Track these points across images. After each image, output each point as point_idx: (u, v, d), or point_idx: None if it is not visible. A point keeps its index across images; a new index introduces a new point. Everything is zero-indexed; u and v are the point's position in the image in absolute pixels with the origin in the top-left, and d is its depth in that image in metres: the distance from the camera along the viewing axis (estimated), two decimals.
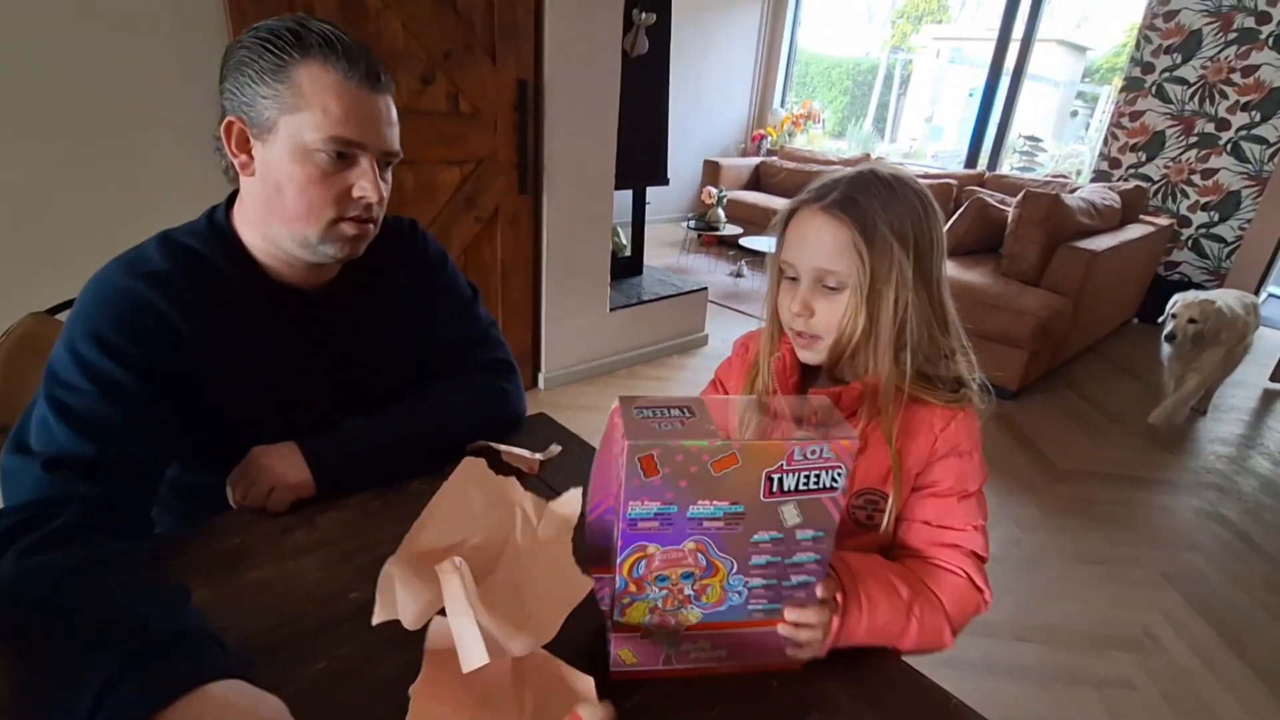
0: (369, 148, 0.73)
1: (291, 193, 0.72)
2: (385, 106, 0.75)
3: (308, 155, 0.71)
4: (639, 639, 0.57)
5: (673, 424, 0.50)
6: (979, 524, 0.70)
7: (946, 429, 0.69)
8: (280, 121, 0.70)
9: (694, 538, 0.52)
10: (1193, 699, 1.51)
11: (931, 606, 0.64)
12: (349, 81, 0.70)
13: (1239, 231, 3.89)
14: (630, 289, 3.13)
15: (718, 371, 0.90)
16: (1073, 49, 9.02)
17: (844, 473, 0.50)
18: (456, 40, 2.03)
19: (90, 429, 0.65)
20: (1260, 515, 2.25)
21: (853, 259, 0.65)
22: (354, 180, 0.73)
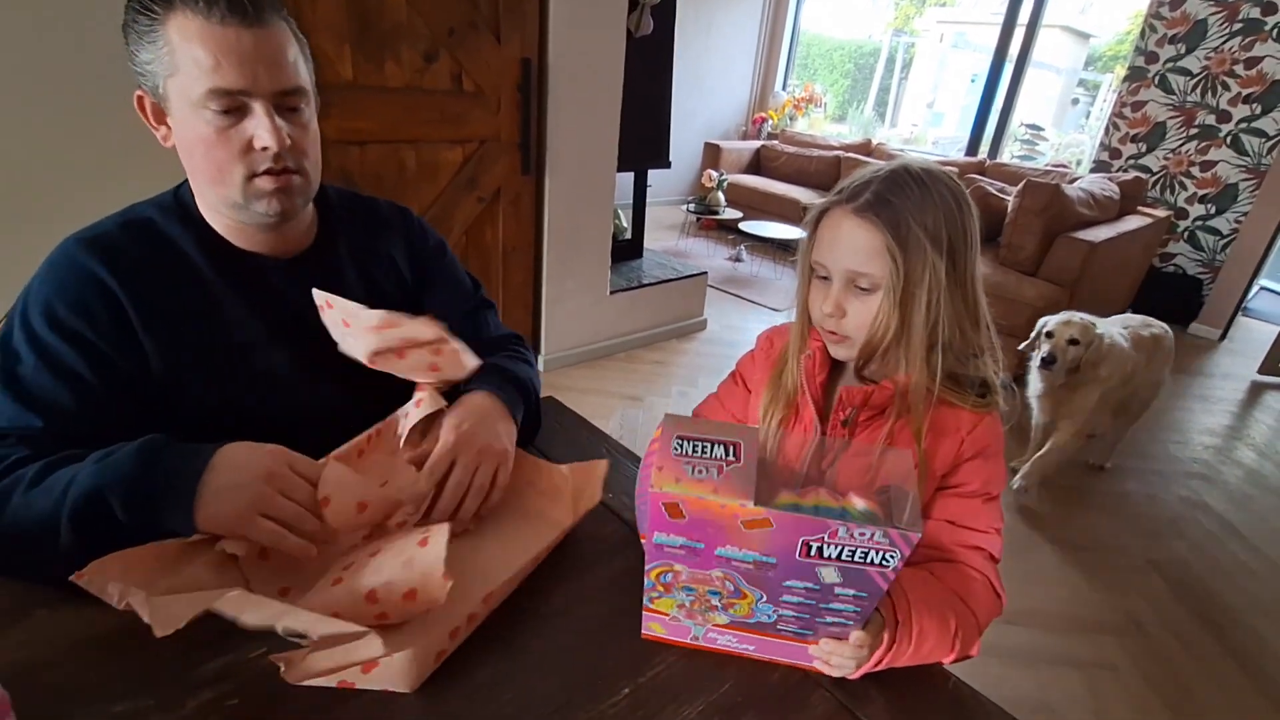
0: (255, 92, 0.66)
1: (199, 156, 0.69)
2: (266, 39, 0.66)
3: (198, 114, 0.66)
4: (671, 621, 0.59)
5: (710, 469, 0.48)
6: (999, 527, 0.70)
7: (974, 431, 0.69)
8: (169, 85, 0.66)
9: (722, 569, 0.52)
10: (1173, 681, 1.56)
11: (970, 626, 0.64)
12: (210, 23, 0.63)
13: (1235, 224, 3.92)
14: (630, 272, 3.13)
15: (739, 365, 0.88)
16: (1076, 35, 8.95)
17: (896, 557, 0.48)
18: (460, 17, 2.01)
19: (33, 401, 0.65)
20: (1245, 504, 2.30)
21: (885, 262, 0.64)
22: (252, 131, 0.67)
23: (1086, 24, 8.86)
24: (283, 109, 0.69)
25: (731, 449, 0.50)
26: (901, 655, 0.57)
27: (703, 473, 0.48)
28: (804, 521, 0.47)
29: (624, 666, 0.57)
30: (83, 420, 0.66)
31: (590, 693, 0.55)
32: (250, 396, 0.78)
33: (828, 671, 0.58)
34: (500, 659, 0.57)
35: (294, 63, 0.70)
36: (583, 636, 0.60)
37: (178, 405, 0.74)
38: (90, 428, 0.66)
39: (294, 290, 0.80)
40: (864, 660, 0.55)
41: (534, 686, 0.55)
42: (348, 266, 0.86)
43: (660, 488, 0.47)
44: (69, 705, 0.50)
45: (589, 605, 0.64)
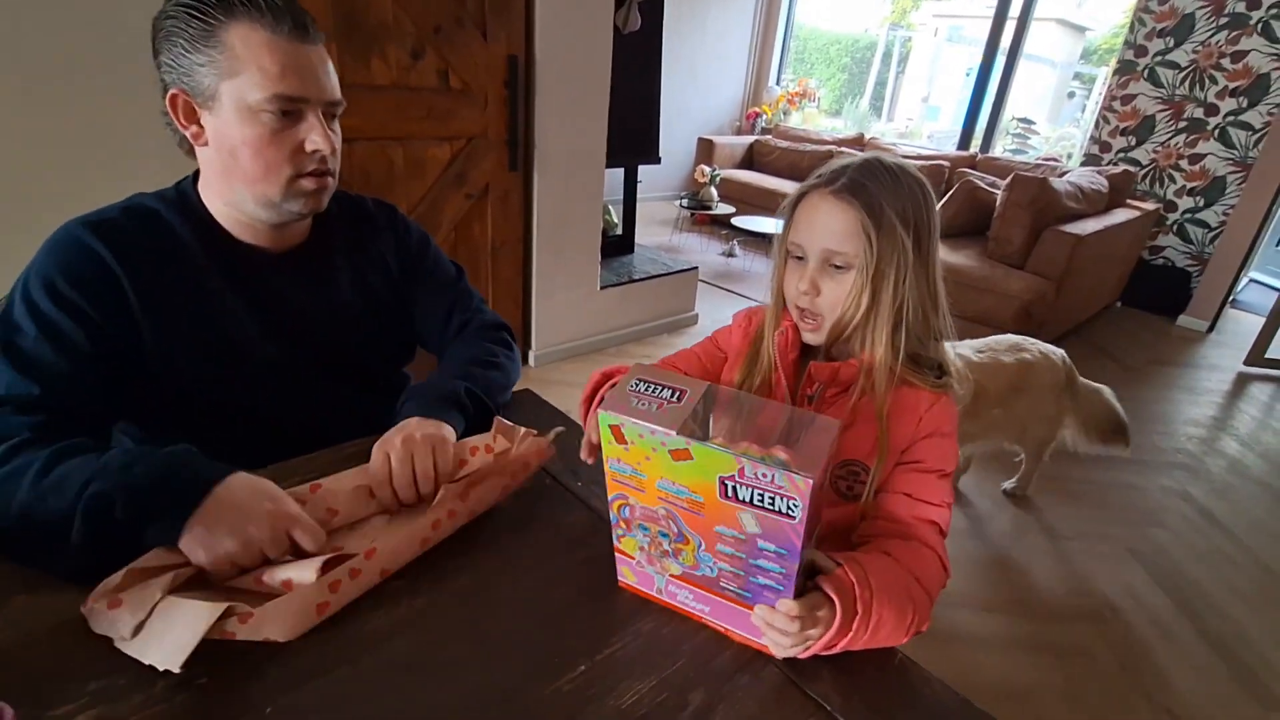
0: (312, 100, 0.74)
1: (247, 156, 0.74)
2: (319, 57, 0.75)
3: (254, 116, 0.72)
4: (638, 567, 0.63)
5: (653, 403, 0.53)
6: (950, 503, 0.74)
7: (931, 410, 0.73)
8: (221, 88, 0.71)
9: (664, 505, 0.56)
10: (1149, 667, 1.59)
11: (924, 607, 0.65)
12: (278, 36, 0.70)
13: (1223, 217, 3.94)
14: (621, 267, 3.15)
15: (717, 334, 0.92)
16: (1071, 29, 8.95)
17: (799, 506, 0.49)
18: (447, 14, 2.02)
19: (31, 368, 0.68)
20: (1226, 494, 2.33)
21: (860, 241, 0.68)
22: (304, 135, 0.75)
23: (1082, 17, 8.86)
24: (328, 117, 0.78)
25: (678, 393, 0.54)
26: (858, 641, 0.58)
27: (645, 405, 0.53)
28: (715, 456, 0.50)
29: (582, 646, 0.60)
30: (78, 389, 0.70)
31: (548, 671, 0.57)
32: (238, 382, 0.82)
33: (775, 653, 0.60)
34: (462, 643, 0.59)
35: (335, 75, 0.78)
36: (545, 619, 0.63)
37: (169, 385, 0.78)
38: (85, 396, 0.70)
39: (286, 282, 0.85)
40: (811, 640, 0.57)
41: (494, 667, 0.57)
42: (340, 262, 0.91)
43: (606, 410, 0.52)
44: (47, 683, 0.52)
45: (554, 589, 0.66)
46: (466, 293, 1.04)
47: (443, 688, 0.55)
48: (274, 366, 0.85)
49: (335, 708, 0.52)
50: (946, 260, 3.11)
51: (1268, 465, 2.55)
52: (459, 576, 0.67)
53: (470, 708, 0.53)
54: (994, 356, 1.88)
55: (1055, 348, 2.01)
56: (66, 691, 0.51)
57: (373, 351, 0.97)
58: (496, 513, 0.76)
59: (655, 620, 0.64)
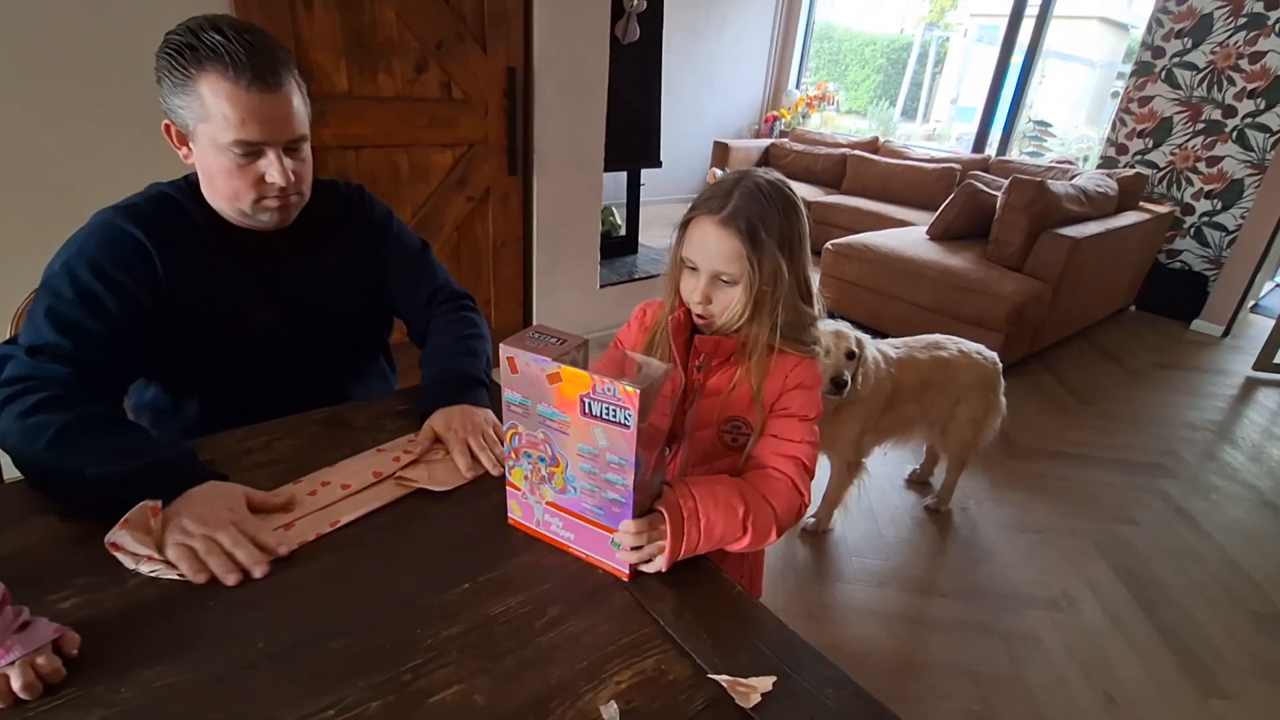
0: (270, 142, 0.86)
1: (219, 180, 0.89)
2: (280, 102, 0.86)
3: (223, 152, 0.86)
4: (523, 499, 0.77)
5: (542, 345, 0.68)
6: (813, 442, 0.87)
7: (796, 369, 0.88)
8: (198, 128, 0.85)
9: (543, 429, 0.70)
10: (1095, 654, 1.65)
11: (764, 514, 0.79)
12: (238, 88, 0.81)
13: (1240, 220, 3.87)
14: (623, 267, 3.28)
15: (618, 335, 1.05)
16: (1114, 27, 8.73)
17: (631, 414, 0.62)
18: (448, 30, 2.18)
19: (68, 328, 0.82)
20: (1207, 495, 2.34)
21: (744, 265, 0.81)
22: (264, 170, 0.88)
23: (1127, 15, 8.63)
24: (288, 150, 0.90)
25: (563, 341, 0.70)
26: (694, 544, 0.72)
27: (536, 345, 0.68)
28: (577, 375, 0.65)
29: (470, 569, 0.73)
30: (105, 348, 0.86)
31: (438, 586, 0.70)
32: (241, 345, 0.99)
33: (638, 564, 0.72)
34: (376, 562, 0.73)
35: (299, 115, 0.90)
36: (445, 549, 0.76)
37: (185, 347, 0.95)
38: (110, 354, 0.86)
39: (280, 259, 1.00)
40: (659, 551, 0.71)
41: (398, 582, 0.70)
42: (324, 240, 1.06)
43: (506, 344, 0.68)
44: (47, 576, 0.67)
45: (458, 526, 0.80)
46: (433, 265, 1.19)
47: (354, 593, 0.69)
48: (272, 332, 1.01)
49: (265, 605, 0.66)
50: (943, 262, 3.17)
51: (1259, 468, 2.54)
52: (383, 514, 0.81)
53: (373, 607, 0.67)
54: (909, 353, 1.92)
55: (985, 349, 2.02)
56: (60, 583, 0.66)
57: (357, 317, 1.12)
58: None
59: (535, 554, 0.76)
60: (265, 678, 0.59)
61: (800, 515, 0.85)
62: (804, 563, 1.88)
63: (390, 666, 0.60)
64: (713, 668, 0.63)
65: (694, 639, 0.66)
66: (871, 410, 1.83)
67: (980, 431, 2.01)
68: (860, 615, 1.71)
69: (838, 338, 1.70)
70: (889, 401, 1.85)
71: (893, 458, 2.37)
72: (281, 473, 0.86)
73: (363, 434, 0.97)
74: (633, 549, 0.71)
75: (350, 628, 0.64)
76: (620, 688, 0.60)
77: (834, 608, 1.73)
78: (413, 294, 1.15)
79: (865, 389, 1.74)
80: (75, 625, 0.60)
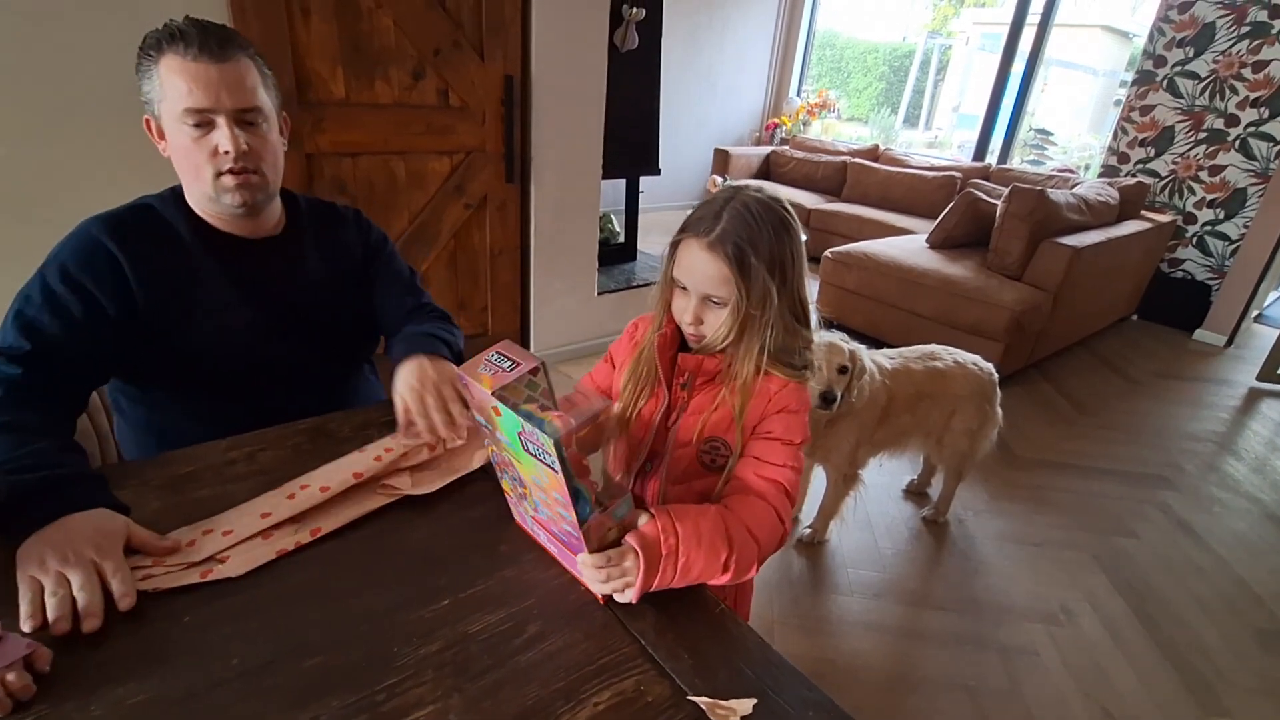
0: (217, 109, 0.88)
1: (180, 159, 0.92)
2: (228, 72, 0.88)
3: (179, 128, 0.89)
4: (515, 505, 0.77)
5: (494, 370, 0.67)
6: (795, 467, 0.84)
7: (781, 392, 0.85)
8: (161, 109, 0.89)
9: (504, 453, 0.69)
10: (1093, 668, 1.62)
11: (748, 552, 0.74)
12: (186, 59, 0.85)
13: (1244, 229, 3.85)
14: (621, 274, 3.27)
15: (610, 348, 1.04)
16: (1118, 35, 8.74)
17: (553, 459, 0.59)
18: (445, 38, 2.18)
19: (30, 330, 0.85)
20: (1209, 508, 2.32)
21: (731, 289, 0.80)
22: (216, 140, 0.90)
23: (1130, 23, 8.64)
24: (242, 123, 0.91)
25: (515, 365, 0.68)
26: (668, 580, 0.69)
27: (487, 371, 0.67)
28: (509, 415, 0.61)
29: (449, 583, 0.72)
30: (65, 351, 0.87)
31: (417, 602, 0.69)
32: (220, 346, 0.99)
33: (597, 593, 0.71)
34: (353, 576, 0.72)
35: (253, 88, 0.91)
36: (427, 563, 0.75)
37: (161, 347, 0.95)
38: (70, 356, 0.87)
39: (262, 262, 1.02)
40: (627, 585, 0.68)
41: (375, 597, 0.69)
42: (309, 246, 1.08)
43: (460, 370, 0.68)
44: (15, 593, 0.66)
45: (440, 539, 0.79)
46: (418, 289, 1.20)
47: (331, 607, 0.68)
48: (246, 330, 1.01)
49: (240, 619, 0.65)
50: (943, 271, 3.15)
51: (1262, 481, 2.52)
52: (365, 524, 0.80)
53: (350, 623, 0.66)
54: (904, 364, 1.89)
55: (981, 360, 2.00)
56: None
57: (340, 325, 1.12)
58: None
59: (519, 568, 0.75)
60: (237, 694, 0.58)
61: (781, 545, 0.82)
62: (799, 574, 1.86)
63: (364, 685, 0.59)
64: (692, 689, 0.62)
65: (674, 659, 0.65)
66: (866, 422, 1.81)
67: (976, 443, 1.99)
68: (855, 628, 1.69)
69: (830, 351, 1.66)
70: (884, 413, 1.83)
71: (890, 468, 2.36)
72: (263, 484, 0.85)
73: (347, 444, 0.95)
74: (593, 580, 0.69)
75: (326, 644, 0.63)
76: (598, 709, 0.59)
77: (829, 620, 1.71)
78: (395, 307, 1.15)
79: (860, 401, 1.72)
80: (47, 641, 0.59)
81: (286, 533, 0.76)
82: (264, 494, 0.82)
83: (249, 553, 0.72)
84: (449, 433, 0.88)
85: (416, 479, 0.87)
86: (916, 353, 1.95)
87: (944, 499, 2.12)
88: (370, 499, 0.83)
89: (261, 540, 0.74)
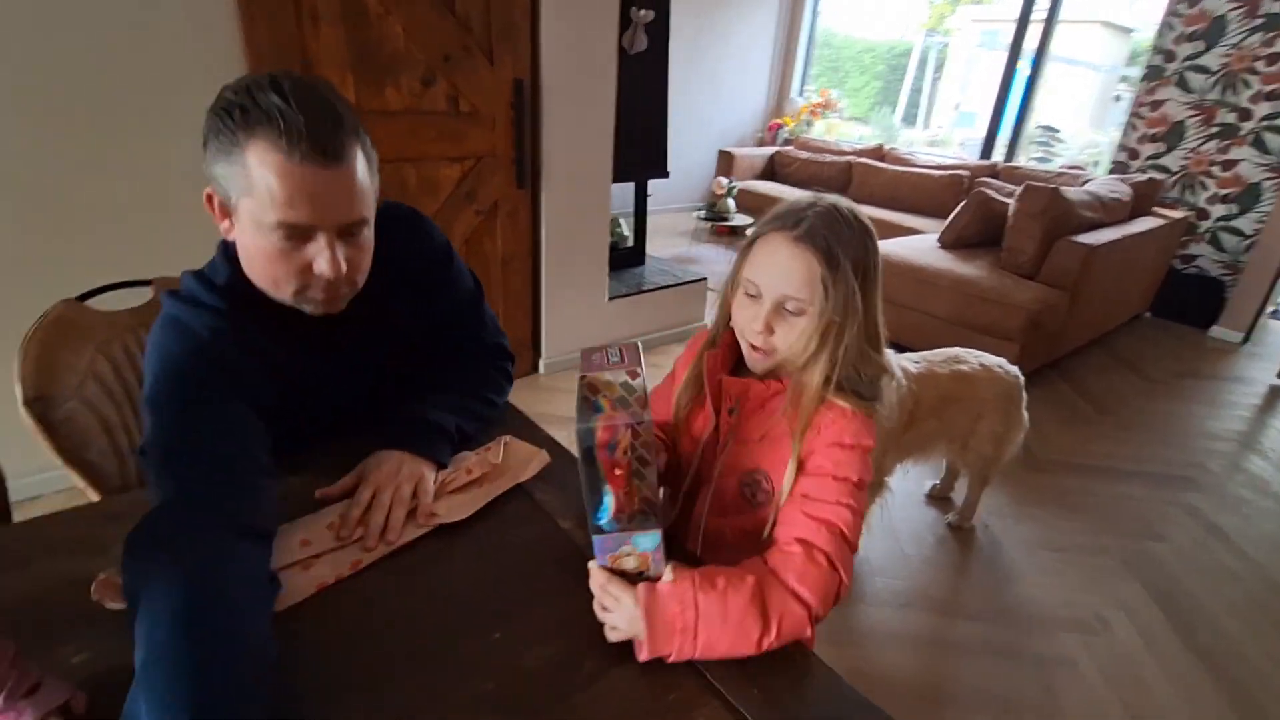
0: (321, 226, 0.73)
1: (260, 264, 0.77)
2: (338, 180, 0.72)
3: (265, 234, 0.73)
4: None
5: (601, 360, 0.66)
6: (852, 507, 0.72)
7: (842, 422, 0.75)
8: (240, 202, 0.72)
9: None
10: (1132, 680, 1.59)
11: (793, 620, 0.66)
12: (290, 161, 0.68)
13: (1258, 225, 3.82)
14: (631, 278, 3.24)
15: (676, 361, 0.96)
16: (1116, 30, 8.72)
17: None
18: (455, 43, 2.15)
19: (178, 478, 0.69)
20: (1238, 510, 2.28)
21: (818, 290, 0.71)
22: (312, 256, 0.75)
23: (1128, 18, 8.61)
24: (344, 235, 0.76)
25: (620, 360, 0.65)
26: (686, 654, 0.63)
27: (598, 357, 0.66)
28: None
29: (500, 615, 0.68)
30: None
31: (465, 635, 0.66)
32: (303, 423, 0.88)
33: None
34: (398, 611, 0.69)
35: (363, 194, 0.76)
36: (469, 593, 0.71)
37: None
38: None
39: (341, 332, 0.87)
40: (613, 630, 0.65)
41: (418, 630, 0.66)
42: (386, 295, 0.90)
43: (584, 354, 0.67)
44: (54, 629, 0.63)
45: (482, 565, 0.75)
46: (483, 314, 1.08)
47: (373, 643, 0.64)
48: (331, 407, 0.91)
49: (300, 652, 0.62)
50: (956, 271, 3.12)
51: None
52: (403, 555, 0.76)
53: (394, 659, 0.62)
54: (929, 368, 1.84)
55: (1007, 363, 1.94)
56: (69, 634, 0.62)
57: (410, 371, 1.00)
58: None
59: (567, 597, 0.71)
60: None
61: (839, 599, 0.71)
62: None
63: None
64: None
65: (743, 694, 0.61)
66: (893, 428, 1.77)
67: (1003, 447, 1.95)
68: (885, 639, 1.66)
69: None
70: (910, 418, 1.79)
71: (913, 473, 2.32)
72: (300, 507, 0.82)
73: None
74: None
75: (369, 682, 0.60)
76: None
77: (858, 631, 1.67)
78: (444, 338, 1.03)
79: (885, 409, 1.68)
80: (84, 681, 0.56)
81: (325, 564, 0.72)
82: (303, 518, 0.78)
83: (289, 584, 0.68)
84: (374, 543, 0.76)
85: (450, 505, 0.83)
86: (941, 356, 1.90)
87: (969, 505, 2.08)
88: (409, 528, 0.79)
89: (300, 571, 0.71)
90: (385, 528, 0.77)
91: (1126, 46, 8.69)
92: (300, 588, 0.69)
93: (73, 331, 1.06)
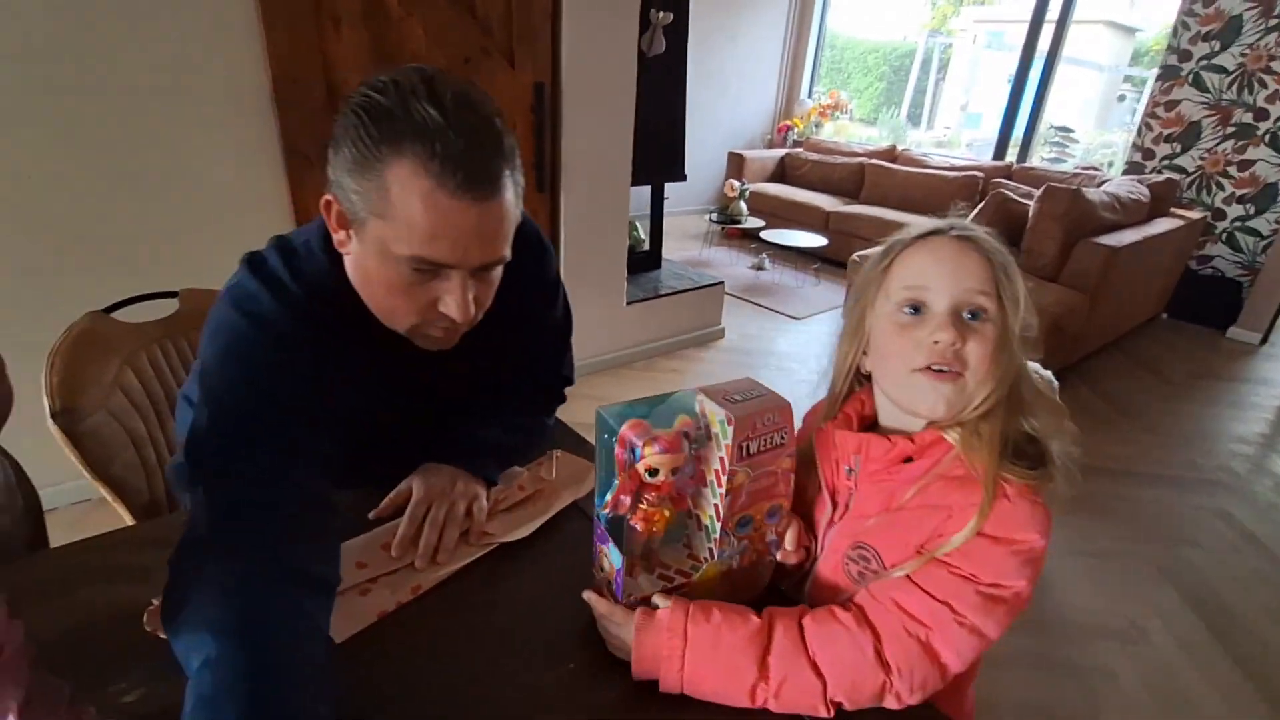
0: (459, 266, 0.64)
1: (378, 291, 0.68)
2: (487, 215, 0.62)
3: (393, 264, 0.63)
4: None
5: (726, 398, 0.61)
6: (966, 620, 0.56)
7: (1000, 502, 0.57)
8: (370, 222, 0.62)
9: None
10: (1173, 689, 1.56)
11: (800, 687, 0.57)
12: (441, 192, 0.58)
13: (1275, 225, 3.78)
14: (648, 282, 3.21)
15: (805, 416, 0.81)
16: (1120, 30, 8.70)
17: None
18: (475, 46, 2.13)
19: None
20: (1270, 514, 2.25)
21: (994, 297, 0.59)
22: (440, 294, 0.66)
23: (1132, 18, 8.60)
24: (478, 274, 0.67)
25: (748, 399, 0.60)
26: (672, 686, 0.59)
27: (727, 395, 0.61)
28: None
29: (568, 645, 0.65)
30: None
31: (536, 666, 0.63)
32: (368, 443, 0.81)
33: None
34: (450, 637, 0.66)
35: (508, 232, 0.66)
36: (533, 621, 0.69)
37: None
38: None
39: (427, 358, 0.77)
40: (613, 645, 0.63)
41: (481, 660, 0.63)
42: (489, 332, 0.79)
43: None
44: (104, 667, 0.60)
45: (556, 589, 0.73)
46: (562, 351, 1.02)
47: (435, 673, 0.62)
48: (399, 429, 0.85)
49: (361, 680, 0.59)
50: None
51: None
52: (461, 578, 0.74)
53: (456, 690, 0.60)
54: None
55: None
56: (120, 671, 0.60)
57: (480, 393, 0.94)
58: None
59: None
60: None
61: (875, 701, 0.57)
62: None
63: None
64: None
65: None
66: None
67: None
68: None
69: None
70: None
71: None
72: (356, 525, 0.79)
73: None
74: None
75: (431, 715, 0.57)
76: None
77: None
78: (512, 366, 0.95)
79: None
80: None
81: (384, 589, 0.70)
82: (357, 538, 0.76)
83: (348, 611, 0.66)
84: (423, 564, 0.72)
85: (504, 523, 0.81)
86: None
87: None
88: (466, 549, 0.76)
89: (358, 595, 0.68)
90: (438, 547, 0.75)
91: (1130, 46, 8.68)
92: (361, 614, 0.66)
93: (99, 343, 1.04)
